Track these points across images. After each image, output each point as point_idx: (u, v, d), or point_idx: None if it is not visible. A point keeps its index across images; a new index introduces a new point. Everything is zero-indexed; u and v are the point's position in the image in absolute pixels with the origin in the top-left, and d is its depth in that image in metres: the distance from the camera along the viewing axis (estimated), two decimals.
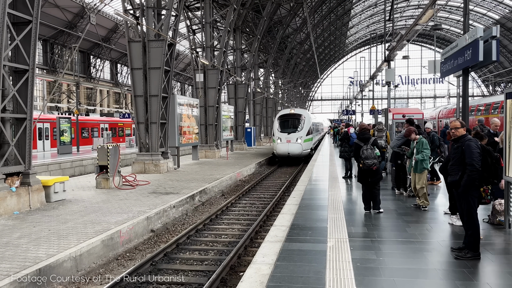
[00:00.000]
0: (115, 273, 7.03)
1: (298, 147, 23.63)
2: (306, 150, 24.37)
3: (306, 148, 24.33)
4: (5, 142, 9.59)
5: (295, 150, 23.55)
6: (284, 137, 23.91)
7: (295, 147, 23.58)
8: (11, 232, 7.83)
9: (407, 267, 5.09)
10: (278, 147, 23.86)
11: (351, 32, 73.83)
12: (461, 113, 9.91)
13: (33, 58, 9.95)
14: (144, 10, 16.45)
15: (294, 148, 23.54)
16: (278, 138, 24.14)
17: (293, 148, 23.50)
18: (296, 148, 23.60)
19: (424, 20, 14.04)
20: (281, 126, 24.90)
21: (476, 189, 5.47)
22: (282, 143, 23.71)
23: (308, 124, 24.99)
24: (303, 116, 25.39)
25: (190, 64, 55.83)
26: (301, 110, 27.99)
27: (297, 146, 23.61)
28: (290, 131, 24.19)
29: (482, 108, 27.20)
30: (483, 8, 59.04)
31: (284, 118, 25.59)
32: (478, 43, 7.58)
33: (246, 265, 6.75)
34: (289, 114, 25.85)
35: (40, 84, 41.52)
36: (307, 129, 24.72)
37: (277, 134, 24.43)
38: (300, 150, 23.68)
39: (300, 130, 24.37)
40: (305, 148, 24.16)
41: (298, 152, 23.66)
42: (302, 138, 23.96)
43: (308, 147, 24.74)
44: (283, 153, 23.75)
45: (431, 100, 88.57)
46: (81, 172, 21.67)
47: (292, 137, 23.77)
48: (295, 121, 25.06)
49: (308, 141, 24.68)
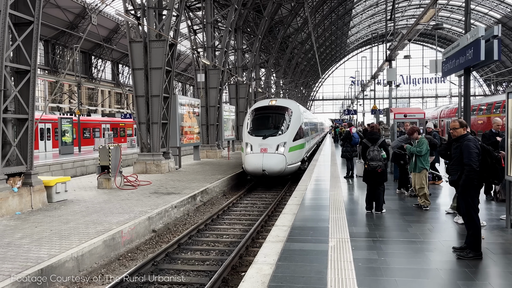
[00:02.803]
0: (116, 273, 7.04)
1: (280, 161, 14.78)
2: (293, 164, 15.64)
3: (293, 160, 15.53)
4: (7, 143, 9.60)
5: (274, 165, 14.64)
6: (257, 143, 15.19)
7: (275, 160, 14.71)
8: (13, 232, 7.84)
9: (408, 267, 5.08)
10: (247, 160, 15.10)
11: (352, 31, 73.83)
12: (462, 112, 9.89)
13: (34, 58, 9.96)
14: (145, 11, 16.46)
15: (273, 162, 14.64)
16: (247, 145, 15.49)
17: (271, 162, 14.60)
18: (276, 161, 14.71)
19: (426, 20, 14.03)
20: (254, 126, 16.34)
21: (475, 189, 5.44)
22: (253, 154, 14.97)
23: (297, 123, 16.54)
24: (290, 111, 16.74)
25: (191, 64, 55.82)
26: (287, 101, 19.06)
27: (278, 159, 14.78)
28: (268, 133, 15.52)
29: (484, 107, 27.16)
30: (485, 7, 58.96)
31: (259, 114, 17.02)
32: (480, 43, 7.56)
33: (247, 265, 6.75)
34: (268, 108, 17.39)
35: (42, 84, 41.60)
36: (296, 130, 16.19)
37: (247, 138, 15.86)
38: (283, 165, 14.83)
39: (283, 133, 15.69)
40: (291, 161, 15.36)
41: (279, 169, 14.72)
42: (286, 146, 15.22)
43: (297, 159, 16.05)
44: (254, 170, 14.88)
45: (432, 100, 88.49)
46: (83, 172, 21.70)
47: (269, 144, 15.03)
48: (277, 118, 16.62)
49: (297, 150, 16.02)
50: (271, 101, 18.13)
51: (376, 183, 7.91)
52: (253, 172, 15.15)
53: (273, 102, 17.91)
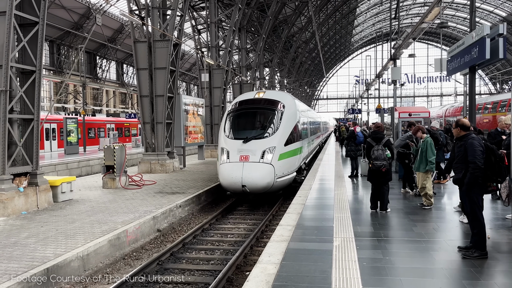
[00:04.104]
0: (122, 272, 7.07)
1: (265, 173, 11.21)
2: (285, 177, 11.95)
3: (284, 171, 11.89)
4: (12, 143, 9.67)
5: (258, 178, 11.08)
6: (235, 149, 11.64)
7: (259, 172, 11.16)
8: (19, 232, 7.89)
9: (413, 267, 5.07)
10: (221, 171, 11.58)
11: (356, 30, 73.59)
12: (468, 111, 9.84)
13: (40, 59, 10.02)
14: (150, 11, 16.49)
15: (256, 175, 11.08)
16: (223, 151, 11.93)
17: (253, 175, 11.05)
18: (261, 174, 11.16)
19: (430, 18, 13.97)
20: (233, 126, 12.65)
21: (480, 187, 5.44)
22: (230, 164, 11.43)
23: (291, 121, 12.86)
24: (281, 106, 12.91)
25: (195, 64, 55.94)
26: (279, 93, 15.19)
27: (263, 171, 11.22)
28: (251, 136, 11.87)
29: (489, 106, 27.02)
30: (490, 6, 58.58)
31: (241, 110, 13.21)
32: (485, 41, 7.53)
33: (252, 265, 6.75)
34: (253, 101, 13.45)
35: (47, 85, 41.81)
36: (289, 130, 12.51)
37: (223, 142, 12.26)
38: (270, 178, 11.23)
39: (272, 134, 12.02)
40: (282, 172, 11.73)
41: (264, 184, 11.15)
42: (276, 152, 11.59)
43: (290, 169, 12.31)
44: (231, 185, 11.26)
45: (437, 99, 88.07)
46: (88, 172, 21.79)
47: (252, 150, 11.49)
48: (264, 116, 12.89)
49: (290, 157, 12.31)
50: (258, 93, 13.92)
51: (380, 182, 7.89)
52: (229, 188, 11.39)
53: (261, 95, 13.71)
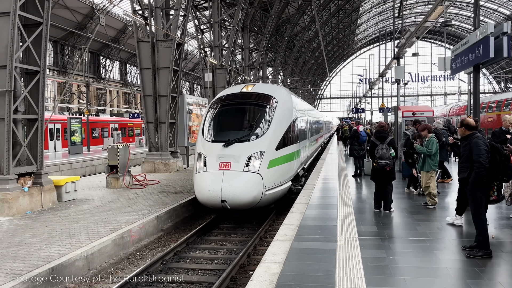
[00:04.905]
0: (126, 272, 7.10)
1: (251, 184, 9.18)
2: (277, 188, 9.87)
3: (276, 181, 9.82)
4: (17, 143, 9.71)
5: (242, 192, 9.05)
6: (214, 154, 9.61)
7: (243, 183, 9.15)
8: (23, 231, 7.93)
9: (417, 266, 5.06)
10: (197, 182, 9.54)
11: (359, 29, 73.44)
12: (472, 110, 9.80)
13: (44, 59, 10.06)
14: (153, 11, 16.52)
15: (240, 188, 9.07)
16: (200, 157, 9.87)
17: (236, 188, 9.04)
18: (245, 186, 9.12)
19: (434, 17, 13.91)
20: (213, 126, 10.57)
21: (485, 187, 5.43)
22: (207, 173, 9.40)
23: (285, 120, 10.84)
24: (274, 101, 10.77)
25: (198, 64, 55.96)
26: (272, 87, 12.51)
27: (248, 182, 9.19)
28: (234, 138, 9.83)
29: (493, 105, 26.90)
30: (494, 4, 58.30)
31: (224, 107, 11.05)
32: (489, 39, 7.51)
33: (255, 264, 6.76)
34: (239, 97, 11.30)
35: (51, 85, 41.95)
36: (282, 131, 10.43)
37: (200, 146, 10.20)
38: (257, 191, 9.19)
39: (260, 136, 9.96)
40: (273, 182, 9.69)
41: (249, 198, 9.10)
42: (265, 158, 9.54)
43: (283, 177, 10.24)
44: (208, 200, 9.21)
45: (441, 98, 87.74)
46: (92, 172, 21.85)
47: (235, 155, 9.44)
48: (251, 113, 10.81)
49: (284, 163, 10.26)
50: (245, 87, 11.54)
51: (384, 181, 7.87)
52: (206, 203, 9.18)
53: (249, 88, 11.35)
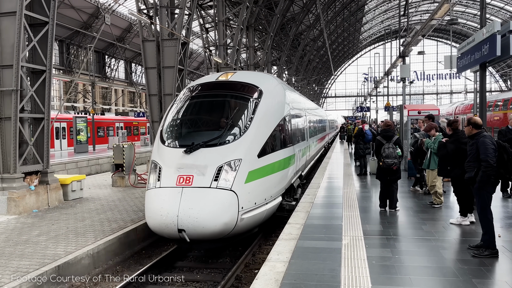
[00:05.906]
0: (131, 270, 7.13)
1: (221, 205, 6.35)
2: (259, 208, 7.11)
3: (258, 200, 7.06)
4: (23, 142, 9.78)
5: (207, 217, 6.16)
6: (172, 164, 6.86)
7: (209, 204, 6.27)
8: (30, 230, 7.99)
9: (423, 265, 5.04)
10: (148, 203, 6.73)
11: (365, 28, 73.11)
12: (478, 108, 9.75)
13: (50, 58, 10.11)
14: (158, 10, 16.53)
15: (203, 211, 6.18)
16: (155, 167, 7.09)
17: (197, 212, 6.15)
18: (212, 208, 6.26)
19: (440, 15, 13.84)
20: (175, 126, 8.00)
21: (492, 186, 5.41)
22: (161, 190, 6.65)
23: (273, 116, 8.30)
24: (258, 92, 8.10)
25: (203, 63, 56.04)
26: (256, 75, 10.05)
27: (216, 202, 6.36)
28: (200, 141, 7.04)
29: (500, 103, 26.72)
30: (501, 1, 57.81)
31: (193, 99, 8.30)
32: (496, 38, 7.46)
33: (260, 263, 6.76)
34: (214, 86, 8.74)
35: (57, 84, 42.18)
36: (269, 131, 7.82)
37: (156, 152, 7.48)
38: (230, 215, 6.39)
39: (237, 138, 7.21)
40: (253, 201, 6.88)
41: (218, 226, 6.25)
42: (241, 169, 6.75)
43: (269, 193, 7.52)
44: (161, 228, 6.41)
45: (447, 96, 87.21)
46: (97, 170, 21.95)
47: (199, 165, 6.64)
48: (227, 109, 7.96)
49: (270, 174, 7.56)
50: (224, 75, 9.06)
51: (390, 180, 7.84)
52: (159, 232, 6.68)
53: (228, 76, 8.86)
